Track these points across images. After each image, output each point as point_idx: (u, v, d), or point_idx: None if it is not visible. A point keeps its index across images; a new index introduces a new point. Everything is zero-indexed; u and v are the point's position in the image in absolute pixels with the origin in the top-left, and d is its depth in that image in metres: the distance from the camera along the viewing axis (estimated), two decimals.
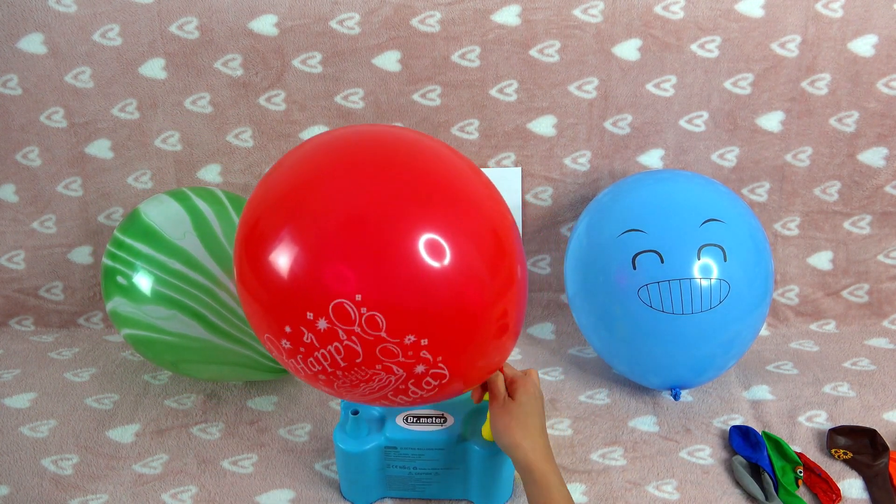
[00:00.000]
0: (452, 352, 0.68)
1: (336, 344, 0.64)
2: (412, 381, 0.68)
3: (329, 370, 0.66)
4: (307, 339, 0.65)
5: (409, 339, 0.65)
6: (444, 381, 0.70)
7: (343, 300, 0.63)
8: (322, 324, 0.63)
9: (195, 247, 0.95)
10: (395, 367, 0.66)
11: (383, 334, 0.64)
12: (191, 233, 0.96)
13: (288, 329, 0.65)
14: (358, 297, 0.63)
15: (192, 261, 0.95)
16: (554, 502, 0.73)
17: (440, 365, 0.68)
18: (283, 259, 0.65)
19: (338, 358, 0.65)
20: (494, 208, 0.71)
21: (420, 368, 0.67)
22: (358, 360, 0.65)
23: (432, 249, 0.64)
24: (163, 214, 0.99)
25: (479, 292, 0.67)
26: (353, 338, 0.64)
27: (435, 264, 0.64)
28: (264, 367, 0.99)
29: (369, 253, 0.63)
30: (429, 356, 0.66)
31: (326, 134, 0.74)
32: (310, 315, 0.63)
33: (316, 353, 0.65)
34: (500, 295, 0.69)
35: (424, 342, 0.65)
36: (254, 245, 0.67)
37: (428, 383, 0.69)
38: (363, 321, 0.63)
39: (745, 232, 0.98)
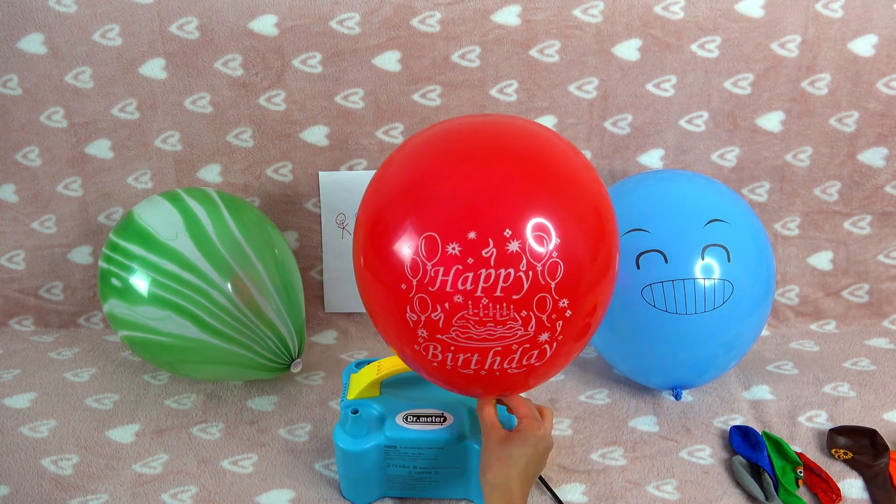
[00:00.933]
0: (572, 338, 0.70)
1: (510, 270, 0.64)
2: (525, 346, 0.68)
3: (478, 294, 0.65)
4: (487, 252, 0.64)
5: (563, 303, 0.66)
6: (534, 365, 0.70)
7: (543, 233, 0.65)
8: (514, 245, 0.64)
9: (188, 247, 0.96)
10: (531, 323, 0.67)
11: (553, 286, 0.65)
12: (183, 233, 0.97)
13: (472, 235, 0.64)
14: (557, 241, 0.65)
15: (184, 261, 0.95)
16: None
17: (553, 344, 0.69)
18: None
19: (500, 285, 0.65)
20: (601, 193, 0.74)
21: (543, 337, 0.68)
22: (515, 297, 0.65)
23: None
24: (156, 216, 0.99)
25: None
26: (530, 273, 0.65)
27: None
28: (261, 366, 0.99)
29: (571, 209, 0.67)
30: (558, 329, 0.68)
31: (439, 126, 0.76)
32: (507, 232, 0.64)
33: (483, 270, 0.64)
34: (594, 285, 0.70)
35: (568, 314, 0.67)
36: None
37: (528, 359, 0.69)
38: (548, 264, 0.65)
39: (748, 232, 0.98)
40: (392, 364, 0.88)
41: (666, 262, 0.94)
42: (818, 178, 1.20)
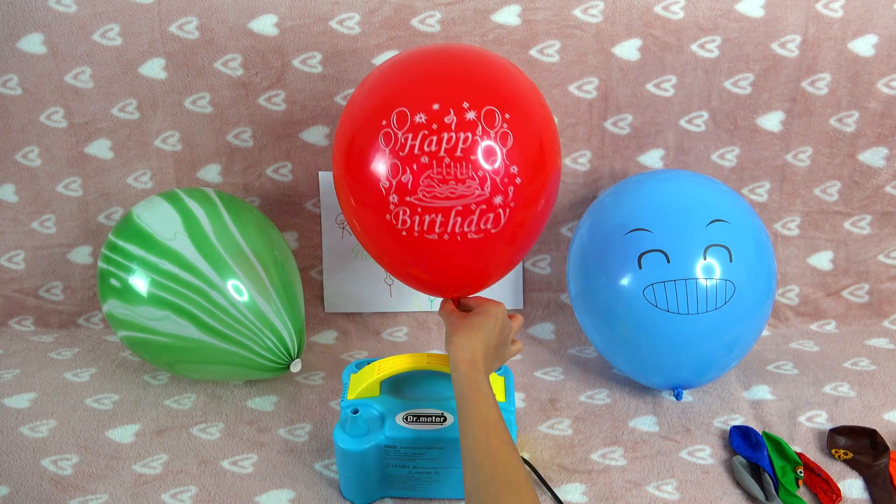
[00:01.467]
0: (523, 206, 0.79)
1: (469, 134, 0.76)
2: (482, 208, 0.77)
3: (440, 155, 0.75)
4: (449, 119, 0.75)
5: (514, 169, 0.77)
6: (488, 230, 0.79)
7: (495, 108, 0.77)
8: (471, 115, 0.76)
9: (187, 247, 0.96)
10: (487, 184, 0.77)
11: (504, 151, 0.77)
12: (181, 233, 0.97)
13: (436, 106, 0.76)
14: (507, 116, 0.77)
15: (183, 262, 0.95)
16: (471, 405, 0.73)
17: (507, 209, 0.78)
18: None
19: (460, 146, 0.75)
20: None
21: (498, 200, 0.77)
22: (472, 157, 0.76)
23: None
24: (154, 216, 1.00)
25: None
26: (485, 137, 0.76)
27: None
28: (261, 366, 0.99)
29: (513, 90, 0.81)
30: (510, 195, 0.78)
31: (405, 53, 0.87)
32: (466, 104, 0.76)
33: (445, 133, 0.75)
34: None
35: (518, 181, 0.78)
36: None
37: (485, 222, 0.78)
38: (501, 131, 0.77)
39: (750, 233, 0.98)
40: (392, 364, 0.88)
41: (668, 261, 0.94)
42: (818, 178, 1.20)
